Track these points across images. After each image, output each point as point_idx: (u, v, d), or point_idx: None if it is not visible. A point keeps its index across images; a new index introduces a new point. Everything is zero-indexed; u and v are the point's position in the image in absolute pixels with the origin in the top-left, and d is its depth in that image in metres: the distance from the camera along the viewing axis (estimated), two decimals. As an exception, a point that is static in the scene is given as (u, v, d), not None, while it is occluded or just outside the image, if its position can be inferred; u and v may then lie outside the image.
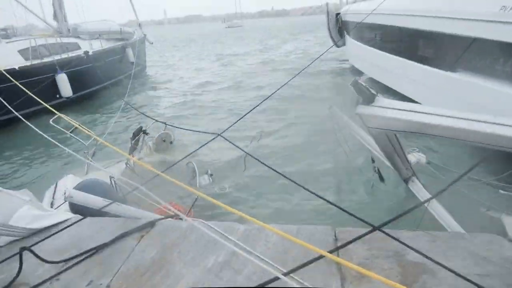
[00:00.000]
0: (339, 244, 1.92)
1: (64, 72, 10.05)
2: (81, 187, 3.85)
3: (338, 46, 16.31)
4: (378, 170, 4.00)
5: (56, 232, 2.29)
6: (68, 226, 2.32)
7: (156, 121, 5.94)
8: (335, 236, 2.07)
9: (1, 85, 8.26)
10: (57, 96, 10.07)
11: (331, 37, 16.01)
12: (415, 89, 8.24)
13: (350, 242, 1.70)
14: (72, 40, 12.11)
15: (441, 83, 7.00)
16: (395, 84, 9.36)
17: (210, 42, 30.10)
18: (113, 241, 2.15)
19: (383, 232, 1.61)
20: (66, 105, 10.52)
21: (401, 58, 8.89)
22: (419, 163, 3.28)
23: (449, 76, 6.66)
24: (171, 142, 6.15)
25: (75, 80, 10.44)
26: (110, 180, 4.16)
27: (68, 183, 4.45)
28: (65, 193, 2.43)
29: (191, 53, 24.34)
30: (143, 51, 17.18)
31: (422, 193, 3.32)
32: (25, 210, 2.45)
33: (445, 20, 6.83)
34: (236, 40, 37.14)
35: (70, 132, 4.90)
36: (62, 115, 4.90)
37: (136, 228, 2.32)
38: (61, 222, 2.46)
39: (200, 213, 3.76)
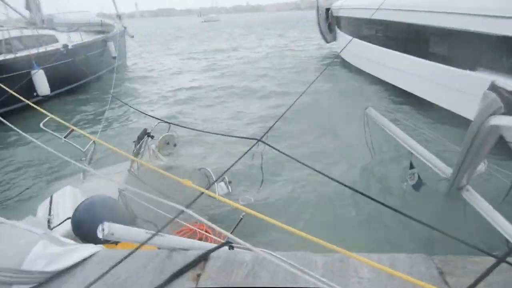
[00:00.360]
0: (447, 278, 1.54)
1: (41, 68, 9.14)
2: (86, 206, 3.29)
3: (327, 42, 16.11)
4: (419, 176, 3.68)
5: (81, 272, 1.77)
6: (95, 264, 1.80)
7: (161, 121, 5.39)
8: (437, 266, 1.68)
9: None
10: (34, 94, 9.15)
11: (321, 32, 15.77)
12: (411, 82, 8.31)
13: (479, 280, 1.31)
14: (48, 32, 11.11)
15: (437, 76, 7.16)
16: (390, 77, 9.48)
17: (191, 36, 29.11)
18: (164, 284, 1.66)
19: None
20: (43, 105, 9.59)
21: (397, 52, 8.92)
22: (479, 170, 2.98)
23: (447, 69, 6.84)
24: (175, 145, 5.61)
25: (53, 77, 9.54)
26: (119, 194, 3.60)
27: (66, 196, 3.86)
28: (103, 230, 1.89)
29: (176, 49, 23.34)
30: (123, 45, 16.23)
31: (480, 203, 3.01)
32: (40, 249, 1.87)
33: (445, 15, 6.90)
34: (221, 35, 36.10)
35: (65, 137, 4.29)
36: (54, 117, 4.27)
37: (188, 265, 1.84)
38: (87, 258, 1.92)
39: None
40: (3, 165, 6.21)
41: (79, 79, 11.16)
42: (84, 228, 3.12)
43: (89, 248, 1.91)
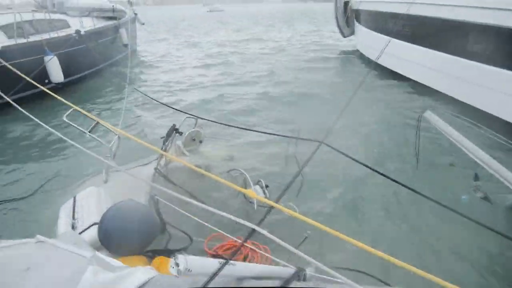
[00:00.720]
0: None
1: (54, 54, 8.73)
2: (115, 213, 2.94)
3: (344, 36, 15.65)
4: (486, 194, 3.35)
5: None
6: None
7: (190, 115, 5.02)
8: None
9: None
10: (46, 81, 8.75)
11: (338, 26, 15.31)
12: (438, 79, 7.96)
13: None
14: (60, 16, 10.66)
15: (468, 73, 6.88)
16: (414, 74, 9.12)
17: (198, 26, 28.47)
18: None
19: None
20: (57, 94, 9.17)
21: (422, 48, 8.58)
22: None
23: (479, 67, 6.60)
24: (200, 142, 5.25)
25: (66, 63, 9.13)
26: (150, 199, 3.26)
27: (90, 198, 3.53)
28: (177, 265, 1.56)
29: (186, 38, 22.78)
30: (134, 32, 15.76)
31: None
32: (91, 276, 1.53)
33: (475, 9, 6.61)
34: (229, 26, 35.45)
35: (89, 131, 3.93)
36: (79, 109, 3.92)
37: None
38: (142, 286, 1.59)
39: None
40: (14, 158, 5.86)
41: (91, 66, 10.74)
42: (112, 238, 2.79)
43: (143, 273, 1.56)
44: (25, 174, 5.05)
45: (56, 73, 8.72)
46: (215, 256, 2.81)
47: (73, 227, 3.13)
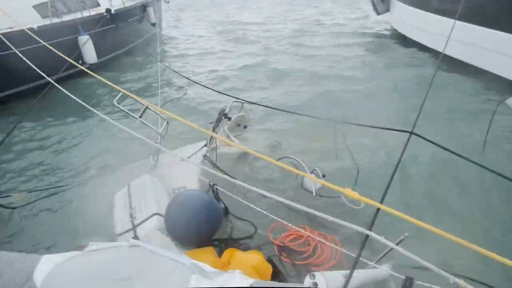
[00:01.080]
0: None
1: (88, 34, 8.62)
2: (182, 204, 2.83)
3: (378, 13, 14.85)
4: None
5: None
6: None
7: (237, 99, 4.82)
8: None
9: (21, 48, 6.90)
10: (79, 62, 8.68)
11: (373, 3, 14.50)
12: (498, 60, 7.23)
13: None
14: (89, -5, 10.49)
15: None
16: (465, 54, 8.26)
17: (221, 6, 27.72)
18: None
19: None
20: (89, 74, 9.09)
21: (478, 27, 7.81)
22: None
23: None
24: (245, 127, 5.05)
25: (98, 43, 9.02)
26: (211, 188, 3.14)
27: (146, 187, 3.43)
28: (315, 284, 1.41)
29: (211, 18, 22.21)
30: (159, 11, 15.46)
31: None
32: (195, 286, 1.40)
33: None
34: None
35: (140, 116, 3.79)
36: (129, 93, 3.77)
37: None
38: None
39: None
40: (58, 142, 5.83)
41: (121, 46, 10.63)
42: (181, 230, 2.70)
43: (241, 280, 1.42)
44: (71, 160, 5.02)
45: (90, 54, 8.63)
46: (282, 247, 2.67)
47: (131, 217, 3.05)
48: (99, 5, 10.38)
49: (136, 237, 2.78)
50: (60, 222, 3.53)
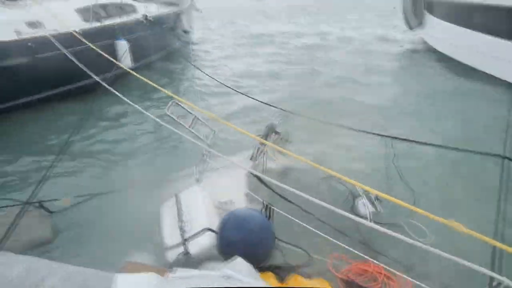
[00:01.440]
0: None
1: (124, 39, 8.74)
2: (236, 223, 2.69)
3: (411, 28, 14.60)
4: None
5: None
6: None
7: (281, 110, 4.69)
8: None
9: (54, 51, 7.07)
10: (115, 66, 8.78)
11: (405, 18, 14.28)
12: None
13: None
14: (128, 1, 10.68)
15: None
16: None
17: (245, 15, 27.95)
18: None
19: None
20: (127, 79, 9.22)
21: None
22: None
23: None
24: (287, 141, 4.89)
25: (134, 48, 9.12)
26: (264, 208, 2.99)
27: (197, 199, 3.32)
28: None
29: (237, 27, 22.32)
30: (191, 19, 15.66)
31: None
32: None
33: None
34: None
35: (190, 126, 3.71)
36: (179, 99, 3.71)
37: None
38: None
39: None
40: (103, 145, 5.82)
41: (156, 51, 10.74)
42: (235, 250, 2.55)
43: None
44: (116, 166, 4.99)
45: (127, 58, 8.72)
46: (347, 282, 2.49)
47: (181, 230, 2.93)
48: (136, 11, 10.55)
49: (187, 252, 2.67)
50: (105, 229, 3.45)
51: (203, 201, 3.31)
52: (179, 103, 3.81)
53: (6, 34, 6.49)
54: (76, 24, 7.95)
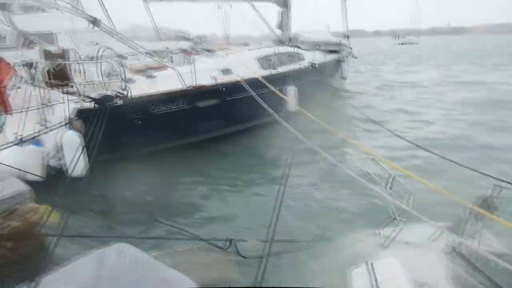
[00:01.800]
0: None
1: (293, 85, 9.26)
2: None
3: None
4: None
5: None
6: None
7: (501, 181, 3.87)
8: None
9: (240, 94, 7.95)
10: (280, 110, 9.37)
11: None
12: None
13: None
14: (296, 50, 11.50)
15: None
16: None
17: (389, 60, 26.69)
18: None
19: None
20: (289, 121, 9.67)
21: None
22: None
23: None
24: (495, 209, 3.95)
25: (300, 93, 9.56)
26: None
27: (399, 275, 2.83)
28: None
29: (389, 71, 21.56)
30: (348, 66, 15.84)
31: None
32: None
33: None
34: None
35: (389, 187, 3.32)
36: (377, 156, 3.33)
37: None
38: None
39: None
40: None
41: (316, 97, 11.07)
42: None
43: None
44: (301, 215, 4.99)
45: (293, 103, 9.18)
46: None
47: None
48: (303, 59, 11.19)
49: None
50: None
51: (402, 277, 2.83)
52: (376, 160, 3.53)
53: (206, 79, 7.64)
54: (255, 71, 8.86)
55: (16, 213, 3.95)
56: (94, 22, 5.66)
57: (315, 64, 10.44)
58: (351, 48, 16.06)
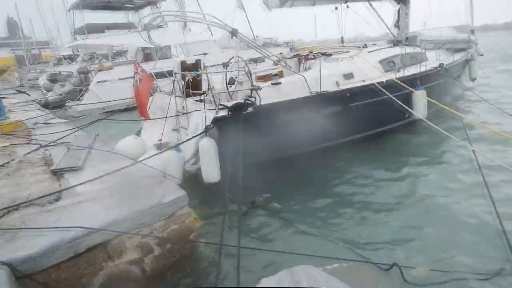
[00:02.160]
0: None
1: (423, 88, 8.30)
2: None
3: None
4: None
5: None
6: None
7: None
8: None
9: (373, 98, 7.43)
10: (406, 116, 8.48)
11: None
12: None
13: None
14: (419, 50, 10.38)
15: None
16: None
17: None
18: None
19: None
20: (416, 129, 8.81)
21: None
22: None
23: None
24: None
25: (429, 97, 8.52)
26: None
27: None
28: None
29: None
30: (477, 65, 13.81)
31: None
32: None
33: None
34: None
35: None
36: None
37: None
38: None
39: None
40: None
41: (444, 101, 9.81)
42: None
43: None
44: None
45: (422, 108, 8.23)
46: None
47: None
48: (426, 59, 10.04)
49: None
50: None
51: None
52: None
53: (329, 85, 7.30)
54: (378, 75, 8.19)
55: (174, 216, 4.14)
56: (233, 32, 5.88)
57: (443, 65, 9.24)
58: (476, 44, 14.01)
